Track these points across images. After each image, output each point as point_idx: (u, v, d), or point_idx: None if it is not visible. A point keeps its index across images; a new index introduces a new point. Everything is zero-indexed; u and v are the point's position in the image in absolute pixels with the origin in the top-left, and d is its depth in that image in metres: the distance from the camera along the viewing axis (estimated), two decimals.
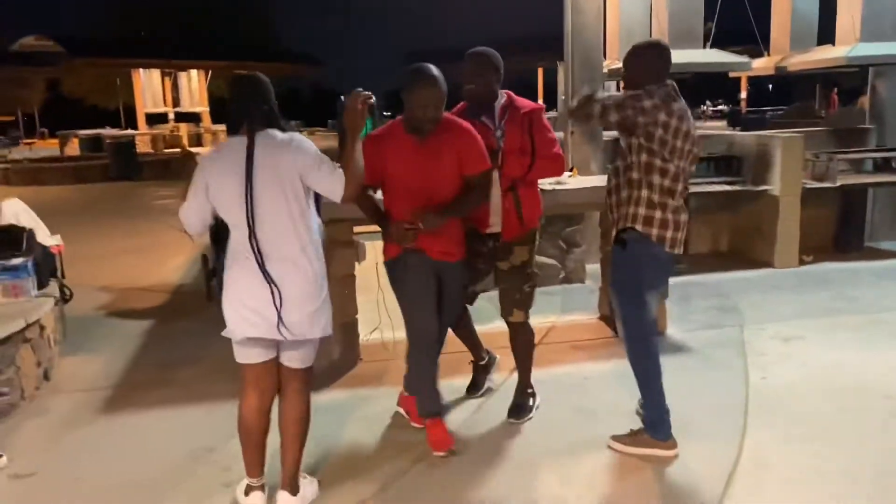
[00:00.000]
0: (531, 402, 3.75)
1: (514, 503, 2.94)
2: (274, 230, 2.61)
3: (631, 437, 3.29)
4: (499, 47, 3.50)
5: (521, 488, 3.04)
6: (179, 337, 5.14)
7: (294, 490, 2.83)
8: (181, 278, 6.97)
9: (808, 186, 6.63)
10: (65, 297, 5.21)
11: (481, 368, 4.05)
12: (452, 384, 3.93)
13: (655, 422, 3.23)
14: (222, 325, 2.73)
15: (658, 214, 3.07)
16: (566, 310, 5.44)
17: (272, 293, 2.61)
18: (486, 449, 3.38)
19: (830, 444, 3.31)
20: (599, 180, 4.63)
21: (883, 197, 7.43)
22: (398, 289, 3.33)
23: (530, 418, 3.67)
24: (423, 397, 3.36)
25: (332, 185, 2.64)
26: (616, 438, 3.33)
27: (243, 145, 2.58)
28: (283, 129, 2.69)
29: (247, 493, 2.87)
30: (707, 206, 6.95)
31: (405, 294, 3.29)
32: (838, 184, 6.70)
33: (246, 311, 2.65)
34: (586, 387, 4.05)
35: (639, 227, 3.09)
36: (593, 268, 5.91)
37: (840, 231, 7.21)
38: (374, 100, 2.71)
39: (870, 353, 4.39)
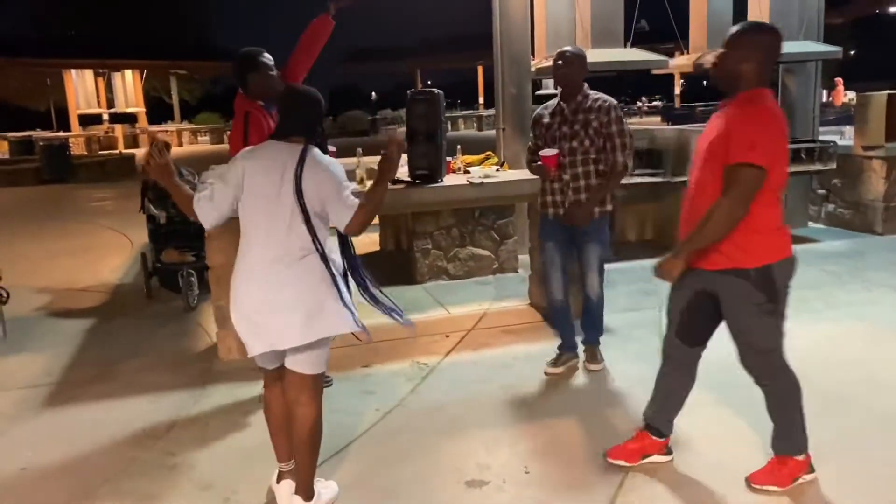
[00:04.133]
0: None
1: (444, 471, 3.17)
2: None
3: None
4: (437, 46, 3.73)
5: (451, 456, 3.27)
6: (121, 333, 5.18)
7: (307, 496, 2.80)
8: (120, 278, 6.99)
9: None
10: (1, 299, 5.24)
11: None
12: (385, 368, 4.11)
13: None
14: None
15: None
16: (499, 297, 5.71)
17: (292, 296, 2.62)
18: (421, 423, 3.61)
19: (736, 409, 3.63)
20: (527, 174, 4.89)
21: (793, 187, 7.92)
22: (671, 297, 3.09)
23: None
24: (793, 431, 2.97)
25: (341, 215, 2.64)
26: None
27: (293, 151, 2.63)
28: (325, 151, 2.79)
29: (278, 480, 2.93)
30: (634, 197, 7.32)
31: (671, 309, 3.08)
32: None
33: (259, 318, 2.63)
34: (514, 366, 4.33)
35: None
36: (525, 258, 6.19)
37: None
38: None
39: None
